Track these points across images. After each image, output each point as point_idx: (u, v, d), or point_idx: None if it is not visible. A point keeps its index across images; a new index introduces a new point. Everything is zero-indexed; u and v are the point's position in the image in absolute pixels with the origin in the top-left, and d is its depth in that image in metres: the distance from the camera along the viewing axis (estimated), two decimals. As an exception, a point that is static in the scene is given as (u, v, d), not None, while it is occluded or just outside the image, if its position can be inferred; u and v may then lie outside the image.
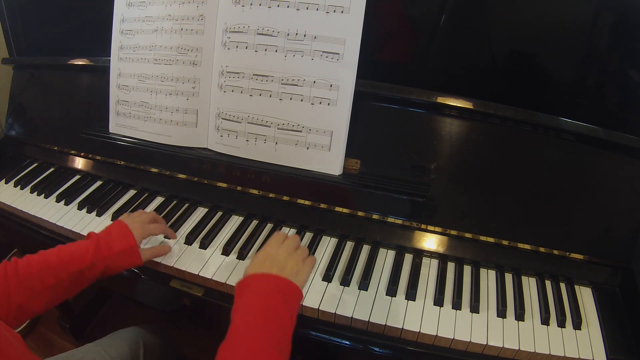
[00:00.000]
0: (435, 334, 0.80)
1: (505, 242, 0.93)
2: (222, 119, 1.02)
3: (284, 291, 0.71)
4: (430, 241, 0.96)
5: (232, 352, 0.61)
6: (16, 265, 0.76)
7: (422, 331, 0.80)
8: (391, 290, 0.87)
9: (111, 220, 1.05)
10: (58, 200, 1.13)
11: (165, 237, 0.99)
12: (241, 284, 0.72)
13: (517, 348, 0.78)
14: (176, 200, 1.12)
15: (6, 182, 1.22)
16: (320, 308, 0.83)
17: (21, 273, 0.75)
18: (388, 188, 0.93)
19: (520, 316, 0.83)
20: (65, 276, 0.78)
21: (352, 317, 0.82)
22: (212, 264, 0.93)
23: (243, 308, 0.67)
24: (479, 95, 0.91)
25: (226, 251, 0.96)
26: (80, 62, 1.22)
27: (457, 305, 0.85)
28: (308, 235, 1.00)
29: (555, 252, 0.92)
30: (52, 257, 0.79)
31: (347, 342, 0.84)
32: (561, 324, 0.82)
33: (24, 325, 1.56)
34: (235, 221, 1.05)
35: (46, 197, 1.15)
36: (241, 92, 0.99)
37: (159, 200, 1.13)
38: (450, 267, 0.93)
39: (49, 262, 0.78)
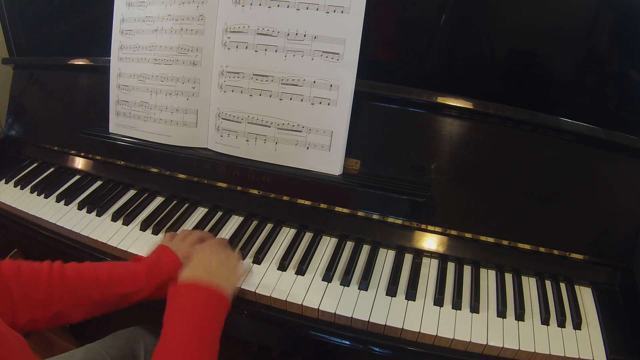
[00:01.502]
0: (435, 334, 0.80)
1: (505, 242, 0.93)
2: (222, 119, 1.02)
3: (214, 300, 0.74)
4: (430, 241, 0.96)
5: (168, 354, 0.66)
6: (62, 271, 0.74)
7: (422, 331, 0.80)
8: (391, 290, 0.87)
9: (111, 220, 1.05)
10: (58, 200, 1.13)
11: None
12: (172, 291, 0.75)
13: (517, 348, 0.78)
14: (176, 200, 1.12)
15: (6, 182, 1.22)
16: (320, 308, 0.83)
17: (68, 281, 0.73)
18: (388, 188, 0.93)
19: (520, 316, 0.83)
20: (111, 295, 0.77)
21: (352, 317, 0.82)
22: (212, 264, 0.93)
23: (174, 315, 0.71)
24: (479, 95, 0.91)
25: (226, 251, 0.96)
26: (80, 62, 1.22)
27: (457, 305, 0.85)
28: (308, 235, 1.00)
29: (555, 252, 0.92)
30: (102, 273, 0.77)
31: (347, 342, 0.84)
32: (561, 324, 0.82)
33: (24, 325, 1.56)
34: (235, 221, 1.05)
35: (46, 197, 1.15)
36: (241, 92, 0.99)
37: (159, 200, 1.13)
38: (450, 267, 0.93)
39: (99, 277, 0.77)
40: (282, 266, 0.92)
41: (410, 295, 0.86)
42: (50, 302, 0.71)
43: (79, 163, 1.25)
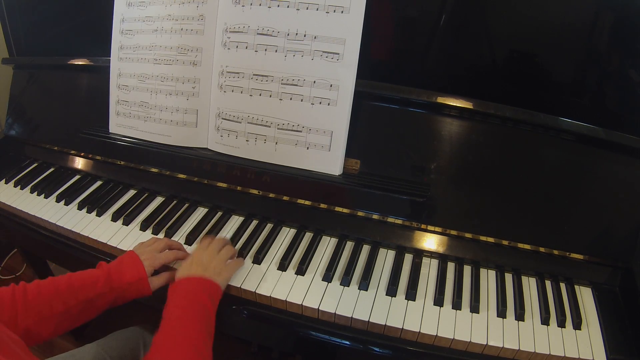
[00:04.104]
0: (435, 334, 0.80)
1: (505, 242, 0.93)
2: (222, 119, 1.02)
3: (208, 288, 0.81)
4: (430, 241, 0.96)
5: (167, 339, 0.71)
6: (25, 289, 0.76)
7: (422, 331, 0.80)
8: (391, 290, 0.87)
9: (111, 220, 1.05)
10: (58, 200, 1.13)
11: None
12: (171, 288, 0.81)
13: (517, 348, 0.78)
14: (176, 200, 1.12)
15: (6, 182, 1.22)
16: (320, 308, 0.83)
17: (30, 297, 0.75)
18: (388, 188, 0.93)
19: (520, 316, 0.83)
20: (74, 303, 0.78)
21: (352, 317, 0.82)
22: (212, 264, 0.93)
23: (173, 305, 0.77)
24: (479, 95, 0.91)
25: (226, 251, 0.96)
26: (80, 62, 1.22)
27: (457, 305, 0.85)
28: (308, 235, 1.00)
29: (555, 252, 0.92)
30: (62, 283, 0.79)
31: (347, 342, 0.84)
32: (561, 324, 0.82)
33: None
34: (235, 221, 1.05)
35: (46, 197, 1.15)
36: (241, 92, 0.99)
37: (159, 200, 1.13)
38: (450, 267, 0.93)
39: (59, 288, 0.78)
40: (282, 266, 0.92)
41: (410, 295, 0.86)
42: (15, 322, 0.73)
43: (79, 163, 1.25)
